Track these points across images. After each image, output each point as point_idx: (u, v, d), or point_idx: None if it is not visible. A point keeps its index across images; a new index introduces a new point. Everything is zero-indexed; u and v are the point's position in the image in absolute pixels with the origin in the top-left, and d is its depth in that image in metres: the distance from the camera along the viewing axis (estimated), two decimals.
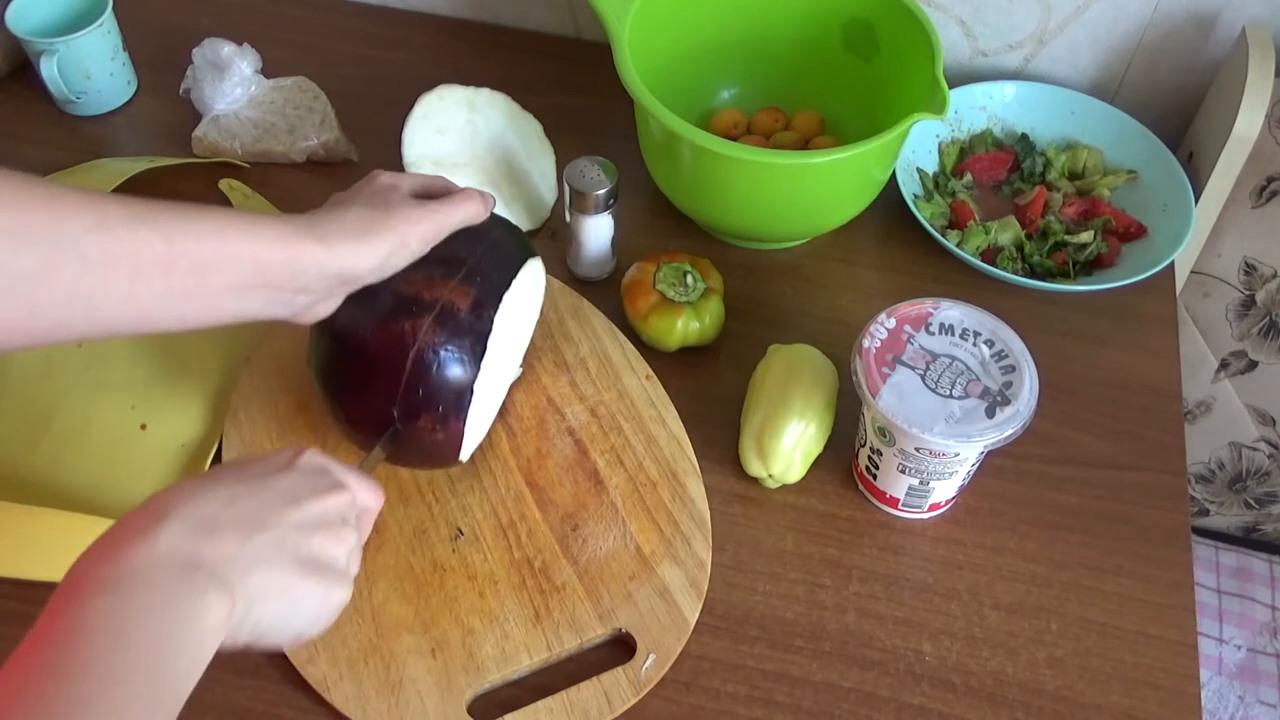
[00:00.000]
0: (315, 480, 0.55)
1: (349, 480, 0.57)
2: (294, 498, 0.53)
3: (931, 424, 0.67)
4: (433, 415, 0.65)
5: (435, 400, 0.64)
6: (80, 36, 0.93)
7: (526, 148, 0.92)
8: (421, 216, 0.63)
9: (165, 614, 0.45)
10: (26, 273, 0.50)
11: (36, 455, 0.75)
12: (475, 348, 0.65)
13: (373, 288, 0.63)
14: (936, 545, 0.75)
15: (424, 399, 0.64)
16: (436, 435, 0.66)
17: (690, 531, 0.73)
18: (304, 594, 0.52)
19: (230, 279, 0.56)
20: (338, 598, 0.54)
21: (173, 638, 0.45)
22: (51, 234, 0.51)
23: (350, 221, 0.61)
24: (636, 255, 0.85)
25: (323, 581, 0.53)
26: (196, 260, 0.55)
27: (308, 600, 0.52)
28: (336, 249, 0.59)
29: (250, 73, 0.95)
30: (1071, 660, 0.70)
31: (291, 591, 0.51)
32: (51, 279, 0.51)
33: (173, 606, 0.45)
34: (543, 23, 1.09)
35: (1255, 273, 1.04)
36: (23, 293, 0.50)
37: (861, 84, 0.93)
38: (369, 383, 0.65)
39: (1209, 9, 0.93)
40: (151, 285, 0.54)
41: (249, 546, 0.49)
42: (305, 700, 0.67)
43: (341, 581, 0.54)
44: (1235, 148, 0.89)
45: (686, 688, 0.68)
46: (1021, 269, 0.90)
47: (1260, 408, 1.18)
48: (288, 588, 0.51)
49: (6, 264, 0.49)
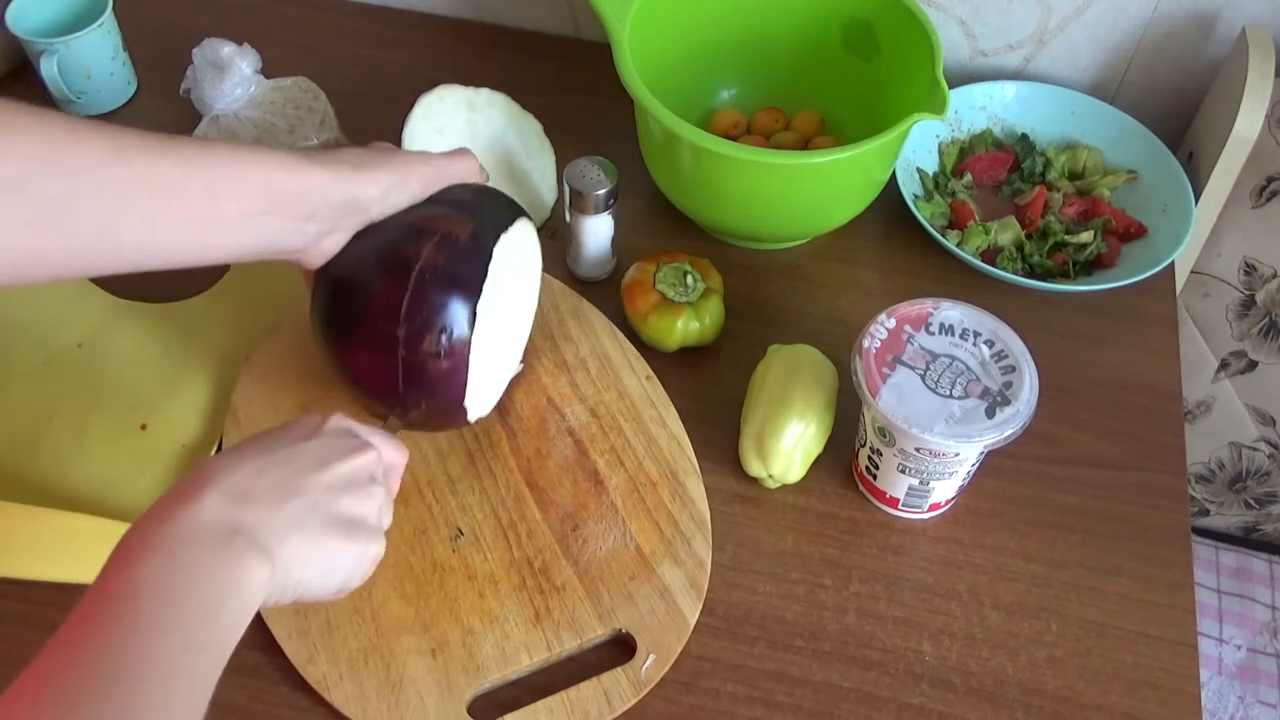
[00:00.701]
0: (341, 443, 0.58)
1: (374, 439, 0.60)
2: (322, 462, 0.55)
3: (931, 424, 0.67)
4: (436, 337, 0.65)
5: (438, 321, 0.65)
6: (80, 36, 0.93)
7: (526, 148, 0.92)
8: (422, 160, 0.68)
9: (211, 574, 0.48)
10: (52, 201, 0.52)
11: (37, 455, 0.75)
12: (477, 271, 0.66)
13: (375, 226, 0.66)
14: (936, 545, 0.75)
15: (427, 319, 0.65)
16: (441, 364, 0.66)
17: (690, 531, 0.73)
18: (339, 552, 0.55)
19: (244, 205, 0.59)
20: (373, 552, 0.57)
21: (219, 595, 0.48)
22: (74, 163, 0.53)
23: (354, 156, 0.65)
24: (636, 255, 0.85)
25: (356, 539, 0.55)
26: (211, 186, 0.58)
27: (343, 557, 0.55)
28: (341, 174, 0.63)
29: (250, 73, 0.95)
30: (1071, 660, 0.70)
31: (327, 551, 0.54)
32: (76, 207, 0.53)
33: (218, 568, 0.48)
34: (543, 23, 1.09)
35: (1255, 273, 1.04)
36: (49, 222, 0.53)
37: (861, 84, 0.93)
38: (373, 309, 0.65)
39: (1209, 9, 0.93)
40: (170, 212, 0.56)
41: (282, 514, 0.52)
42: (305, 700, 0.67)
43: (375, 537, 0.57)
44: (1235, 148, 0.89)
45: (686, 688, 0.68)
46: (1021, 269, 0.90)
47: (1260, 408, 1.18)
48: (323, 548, 0.54)
49: (34, 191, 0.52)
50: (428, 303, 0.64)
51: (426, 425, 0.72)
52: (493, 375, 0.73)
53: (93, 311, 0.83)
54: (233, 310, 0.83)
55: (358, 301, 0.66)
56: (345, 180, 0.63)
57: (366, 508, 0.57)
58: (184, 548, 0.48)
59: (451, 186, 0.69)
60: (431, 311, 0.65)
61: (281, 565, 0.51)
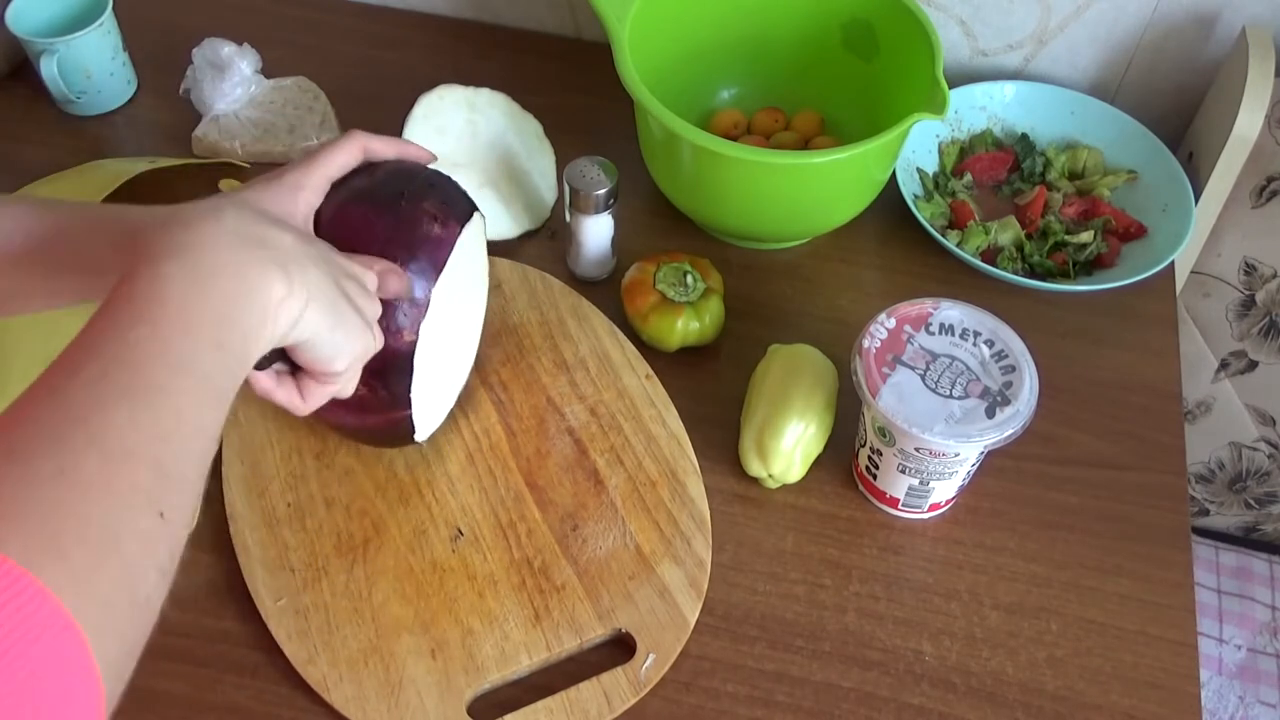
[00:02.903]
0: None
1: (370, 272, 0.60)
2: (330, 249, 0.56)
3: (931, 424, 0.67)
4: (435, 206, 0.66)
5: (438, 193, 0.66)
6: (80, 36, 0.93)
7: (526, 148, 0.92)
8: (297, 166, 0.64)
9: (234, 277, 0.47)
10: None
11: None
12: (464, 197, 0.69)
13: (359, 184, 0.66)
14: (936, 545, 0.75)
15: (428, 185, 0.66)
16: (435, 229, 0.65)
17: (690, 531, 0.73)
18: (345, 314, 0.54)
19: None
20: (367, 339, 0.57)
21: (240, 298, 0.47)
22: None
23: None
24: (636, 255, 0.85)
25: (357, 315, 0.55)
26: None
27: (348, 321, 0.54)
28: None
29: (250, 73, 0.95)
30: (1071, 660, 0.70)
31: (336, 306, 0.53)
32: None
33: (240, 270, 0.48)
34: (543, 23, 1.09)
35: (1255, 273, 1.04)
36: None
37: (861, 84, 0.93)
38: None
39: (1209, 9, 0.93)
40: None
41: (303, 248, 0.52)
42: (305, 700, 0.67)
43: (369, 328, 0.57)
44: (1235, 148, 0.89)
45: (686, 688, 0.68)
46: (1021, 269, 0.90)
47: (1260, 408, 1.18)
48: (333, 300, 0.53)
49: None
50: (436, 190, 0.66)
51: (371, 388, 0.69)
52: (440, 383, 0.72)
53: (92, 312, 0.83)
54: None
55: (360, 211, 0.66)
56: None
57: (365, 303, 0.57)
58: (206, 249, 0.47)
59: (415, 166, 0.68)
60: (436, 182, 0.67)
61: (298, 292, 0.50)
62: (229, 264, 0.47)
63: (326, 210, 0.64)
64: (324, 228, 0.64)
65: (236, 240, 0.48)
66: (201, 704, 0.67)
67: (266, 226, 0.51)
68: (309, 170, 0.63)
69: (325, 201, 0.64)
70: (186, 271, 0.46)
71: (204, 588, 0.71)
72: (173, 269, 0.46)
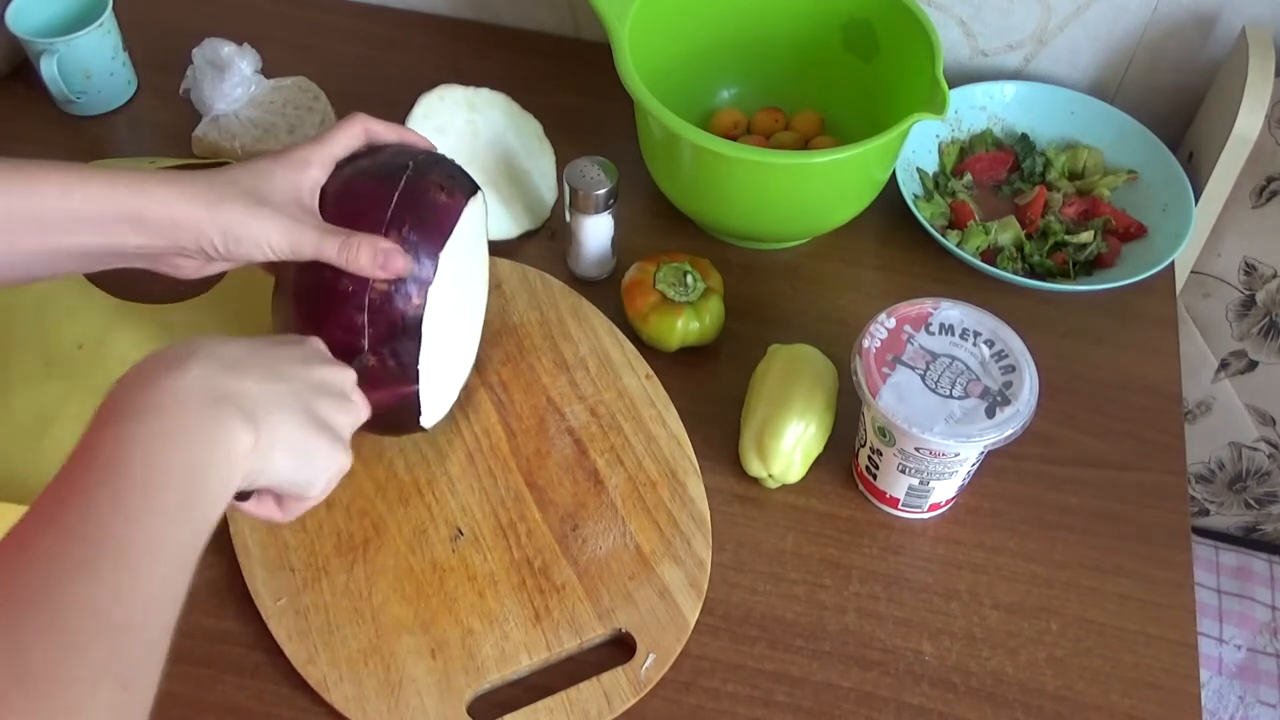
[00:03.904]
0: (322, 355, 0.60)
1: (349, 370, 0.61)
2: (306, 360, 0.57)
3: (931, 424, 0.67)
4: (441, 178, 0.67)
5: (443, 168, 0.68)
6: (80, 36, 0.93)
7: (526, 148, 0.92)
8: (308, 144, 0.66)
9: (197, 435, 0.47)
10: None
11: (38, 457, 0.75)
12: (467, 175, 0.70)
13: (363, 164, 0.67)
14: (936, 545, 0.75)
15: (433, 161, 0.68)
16: (441, 197, 0.67)
17: (690, 531, 0.73)
18: (316, 445, 0.55)
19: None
20: (341, 461, 0.57)
21: (203, 457, 0.47)
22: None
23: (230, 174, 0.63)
24: (636, 255, 0.85)
25: (331, 442, 0.56)
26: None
27: (318, 453, 0.55)
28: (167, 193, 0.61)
29: (250, 73, 0.95)
30: (1071, 660, 0.70)
31: (305, 441, 0.54)
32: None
33: (203, 429, 0.48)
34: (543, 23, 1.09)
35: (1255, 273, 1.04)
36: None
37: (861, 84, 0.93)
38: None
39: (1209, 9, 0.93)
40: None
41: (268, 390, 0.52)
42: (305, 700, 0.67)
43: (344, 447, 0.57)
44: (1235, 148, 0.89)
45: (686, 688, 0.68)
46: (1021, 269, 0.90)
47: (1260, 408, 1.18)
48: (302, 436, 0.54)
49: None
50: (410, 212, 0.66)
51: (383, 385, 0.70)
52: (445, 368, 0.73)
53: (92, 313, 0.83)
54: (231, 312, 0.83)
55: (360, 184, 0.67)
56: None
57: (341, 419, 0.57)
58: (171, 409, 0.47)
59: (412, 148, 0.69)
60: (438, 162, 0.68)
61: (264, 440, 0.50)
62: (192, 424, 0.47)
63: (333, 185, 0.66)
64: (330, 201, 0.66)
65: (201, 397, 0.48)
66: (201, 704, 0.67)
67: (233, 377, 0.50)
68: (315, 147, 0.65)
69: (330, 178, 0.66)
70: (151, 434, 0.46)
71: (204, 588, 0.71)
72: (135, 431, 0.46)
